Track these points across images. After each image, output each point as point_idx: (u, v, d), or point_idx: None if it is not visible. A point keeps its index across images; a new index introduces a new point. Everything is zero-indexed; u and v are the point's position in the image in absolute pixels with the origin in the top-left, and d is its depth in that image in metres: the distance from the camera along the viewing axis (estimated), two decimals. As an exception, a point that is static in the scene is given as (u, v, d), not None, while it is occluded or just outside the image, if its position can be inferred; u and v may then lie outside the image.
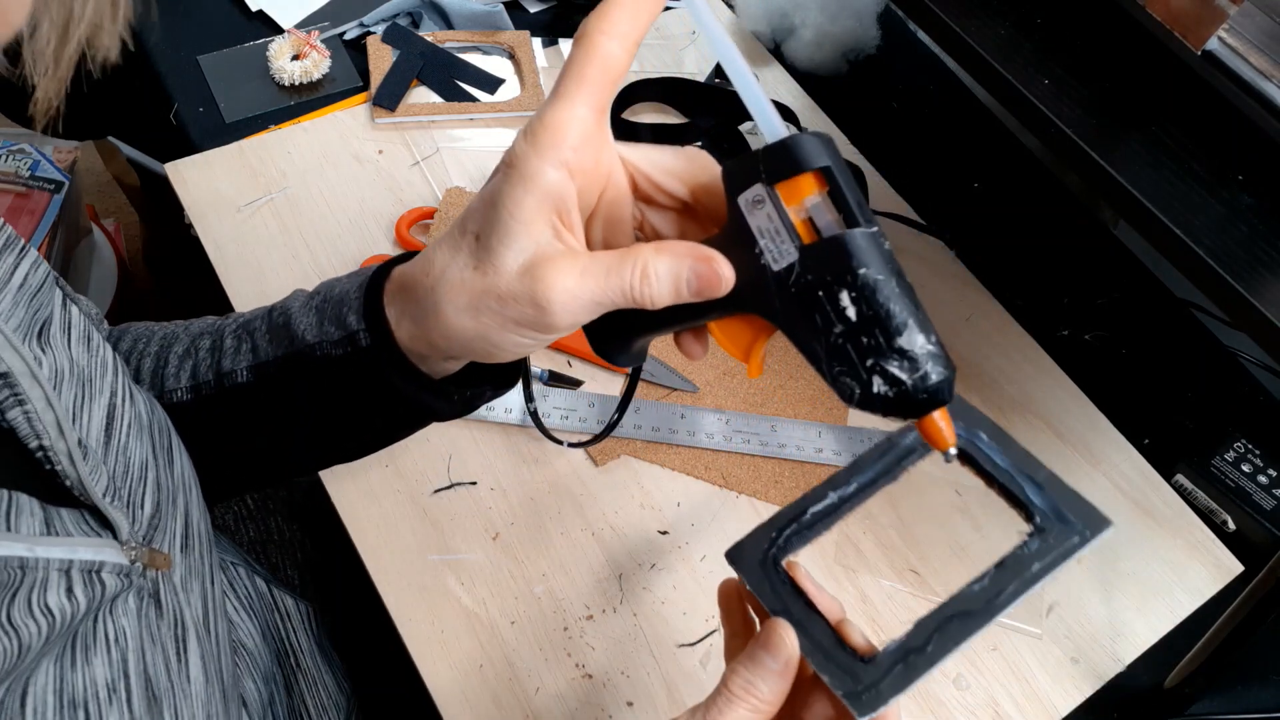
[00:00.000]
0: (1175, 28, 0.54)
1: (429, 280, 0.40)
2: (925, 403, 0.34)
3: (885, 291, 0.33)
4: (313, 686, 0.65)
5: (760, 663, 0.40)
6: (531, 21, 0.98)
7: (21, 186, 1.36)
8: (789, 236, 0.35)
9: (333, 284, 0.46)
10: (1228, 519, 0.76)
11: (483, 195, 0.38)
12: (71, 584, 0.37)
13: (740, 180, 0.35)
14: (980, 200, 0.94)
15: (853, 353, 0.34)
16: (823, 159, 0.34)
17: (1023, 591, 0.40)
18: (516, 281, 0.37)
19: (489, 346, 0.39)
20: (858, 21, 0.99)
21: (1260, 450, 0.77)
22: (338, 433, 0.50)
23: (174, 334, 0.53)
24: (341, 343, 0.44)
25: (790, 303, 0.35)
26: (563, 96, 0.36)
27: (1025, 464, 0.43)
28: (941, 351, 0.34)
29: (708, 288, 0.37)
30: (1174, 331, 0.88)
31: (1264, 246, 0.51)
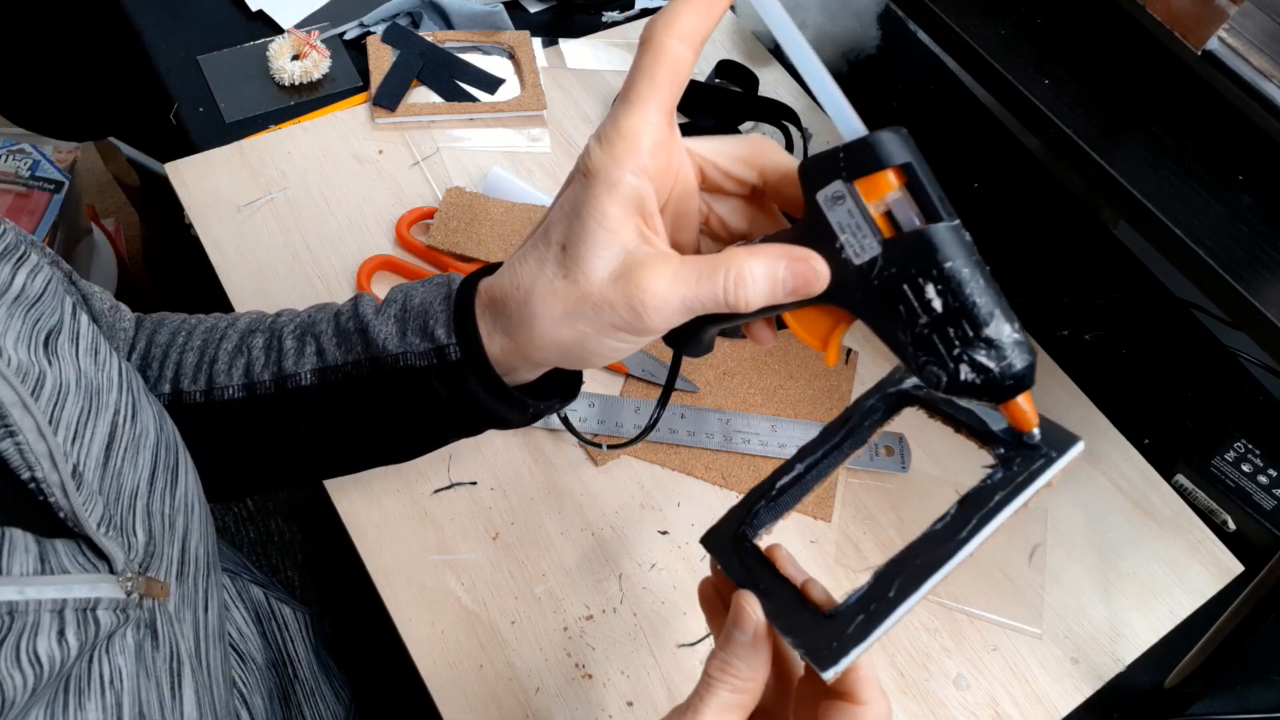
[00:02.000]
0: (1175, 28, 0.54)
1: (520, 294, 0.40)
2: (1012, 388, 0.35)
3: (971, 284, 0.34)
4: (310, 697, 0.64)
5: (731, 638, 0.39)
6: (531, 21, 0.98)
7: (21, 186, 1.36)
8: (871, 231, 0.35)
9: (409, 293, 0.46)
10: (1228, 519, 0.76)
11: (562, 206, 0.39)
12: (64, 626, 0.36)
13: (818, 177, 0.36)
14: (980, 200, 0.94)
15: (939, 342, 0.35)
16: (903, 155, 0.35)
17: (988, 522, 0.38)
18: (610, 287, 0.38)
19: (585, 353, 0.40)
20: (858, 21, 0.99)
21: (1260, 450, 0.77)
22: (402, 439, 0.50)
23: (218, 328, 0.52)
24: (428, 354, 0.44)
25: (872, 295, 0.36)
26: (635, 102, 0.37)
27: None
28: (1025, 339, 0.35)
29: (804, 287, 0.37)
30: (1174, 331, 0.88)
31: (1264, 246, 0.51)
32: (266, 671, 0.60)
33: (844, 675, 0.38)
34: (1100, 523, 0.75)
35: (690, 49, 0.37)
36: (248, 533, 0.75)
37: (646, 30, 0.37)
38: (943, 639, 0.68)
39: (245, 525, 0.76)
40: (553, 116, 0.90)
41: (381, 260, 0.78)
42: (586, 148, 0.38)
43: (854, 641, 0.37)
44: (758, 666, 0.39)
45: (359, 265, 0.77)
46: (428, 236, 0.79)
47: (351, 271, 0.78)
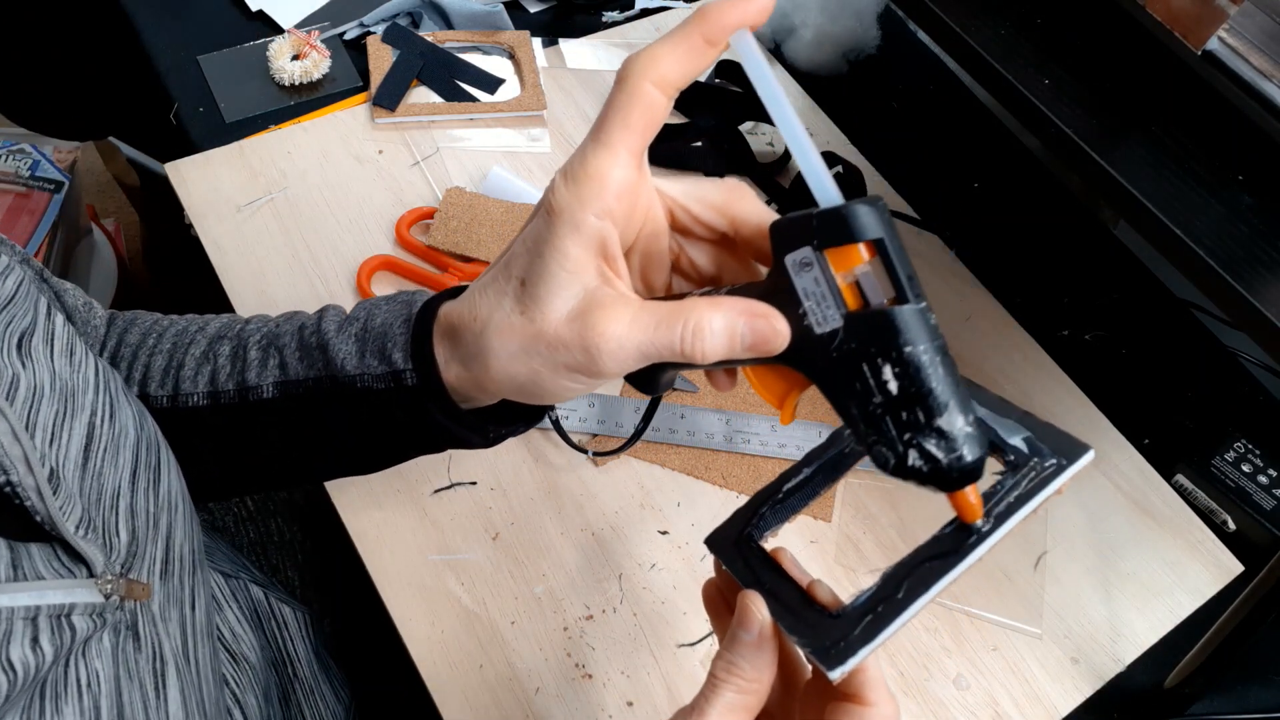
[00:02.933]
0: (1175, 28, 0.54)
1: (477, 325, 0.40)
2: (958, 480, 0.35)
3: (929, 370, 0.34)
4: (310, 696, 0.64)
5: (737, 639, 0.38)
6: (531, 21, 0.98)
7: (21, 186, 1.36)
8: (835, 303, 0.35)
9: (372, 311, 0.46)
10: (1228, 519, 0.76)
11: (525, 240, 0.38)
12: (38, 633, 0.35)
13: (789, 240, 0.35)
14: (980, 200, 0.94)
15: (890, 425, 0.34)
16: (876, 230, 0.34)
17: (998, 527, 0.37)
18: (565, 327, 0.37)
19: (539, 390, 0.40)
20: (858, 21, 0.99)
21: (1260, 450, 0.77)
22: (363, 455, 0.50)
23: (188, 332, 0.52)
24: (384, 378, 0.44)
25: (830, 366, 0.35)
26: (604, 143, 0.36)
27: (999, 408, 0.41)
28: (978, 431, 0.34)
29: (763, 345, 0.36)
30: (1174, 331, 0.88)
31: (1264, 246, 0.50)
32: (262, 671, 0.60)
33: (851, 676, 0.37)
34: (1100, 523, 0.75)
35: (667, 95, 0.36)
36: (248, 533, 0.75)
37: (624, 68, 0.36)
38: (943, 639, 0.68)
39: (245, 525, 0.76)
40: (553, 116, 0.90)
41: (381, 260, 0.78)
42: (552, 183, 0.37)
43: (861, 642, 0.36)
44: (763, 667, 0.38)
45: (359, 265, 0.77)
46: (428, 236, 0.79)
47: (351, 271, 0.78)
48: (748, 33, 0.35)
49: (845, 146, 0.93)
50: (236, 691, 0.56)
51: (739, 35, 0.35)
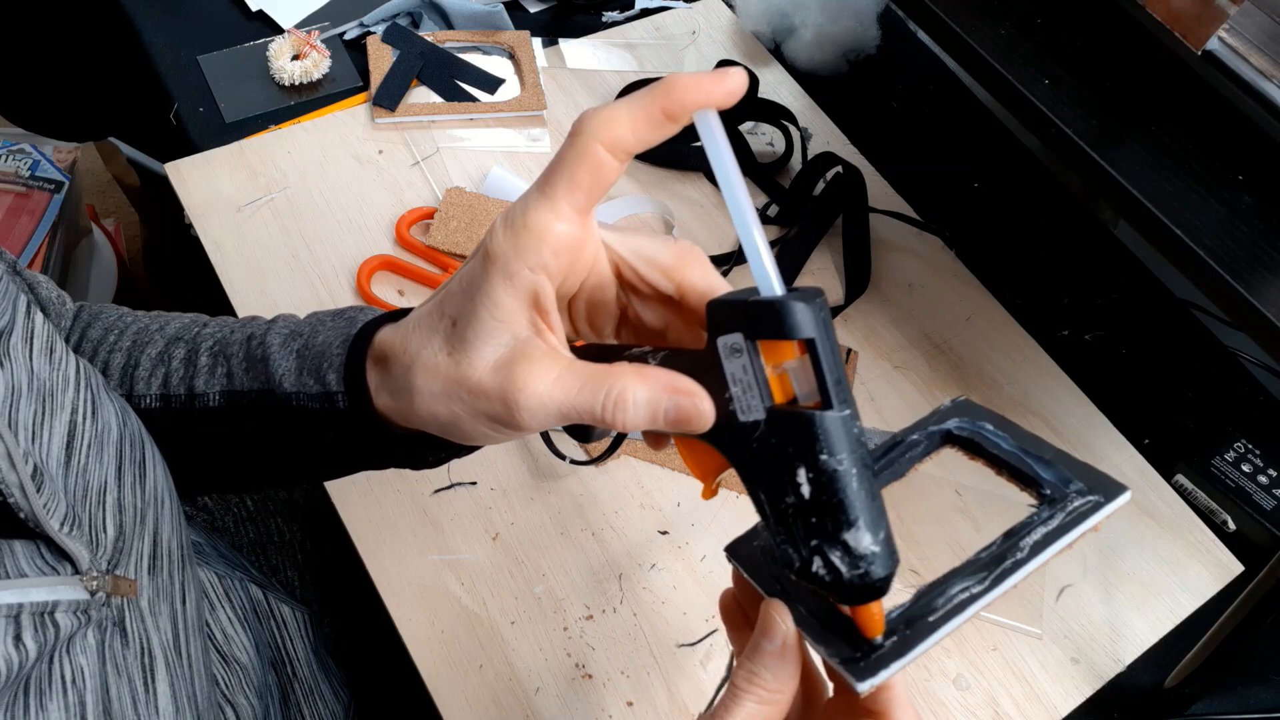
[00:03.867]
0: (1175, 28, 0.54)
1: (406, 358, 0.39)
2: (859, 595, 0.34)
3: (843, 482, 0.33)
4: (309, 695, 0.64)
5: (759, 649, 0.37)
6: (531, 21, 0.98)
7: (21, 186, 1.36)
8: (760, 395, 0.34)
9: (316, 327, 0.46)
10: (1228, 519, 0.76)
11: (461, 279, 0.38)
12: (20, 630, 0.35)
13: (722, 323, 0.35)
14: (980, 200, 0.94)
15: (798, 528, 0.34)
16: (809, 330, 0.33)
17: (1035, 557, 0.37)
18: (489, 376, 0.36)
19: (459, 433, 0.39)
20: (858, 21, 0.99)
21: (1260, 450, 0.77)
22: (305, 467, 0.50)
23: (147, 330, 0.52)
24: (319, 398, 0.44)
25: (750, 455, 0.35)
26: (548, 196, 0.35)
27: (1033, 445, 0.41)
28: (887, 550, 0.34)
29: (685, 424, 0.35)
30: (1174, 331, 0.88)
31: (1264, 246, 0.51)
32: (257, 671, 0.59)
33: (877, 693, 0.36)
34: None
35: (618, 160, 0.35)
36: (248, 533, 0.75)
37: (579, 123, 0.35)
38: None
39: (245, 525, 0.76)
40: (553, 116, 0.90)
41: (381, 260, 0.78)
42: (492, 228, 0.36)
43: (891, 657, 0.35)
44: (785, 678, 0.37)
45: (359, 265, 0.78)
46: (428, 236, 0.79)
47: (351, 271, 0.78)
48: (711, 112, 0.34)
49: (845, 146, 0.93)
50: (227, 692, 0.56)
51: (701, 114, 0.34)
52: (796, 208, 0.86)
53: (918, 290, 0.85)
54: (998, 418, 0.43)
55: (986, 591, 0.36)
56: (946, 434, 0.43)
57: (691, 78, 0.34)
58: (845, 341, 0.81)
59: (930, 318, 0.83)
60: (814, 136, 0.93)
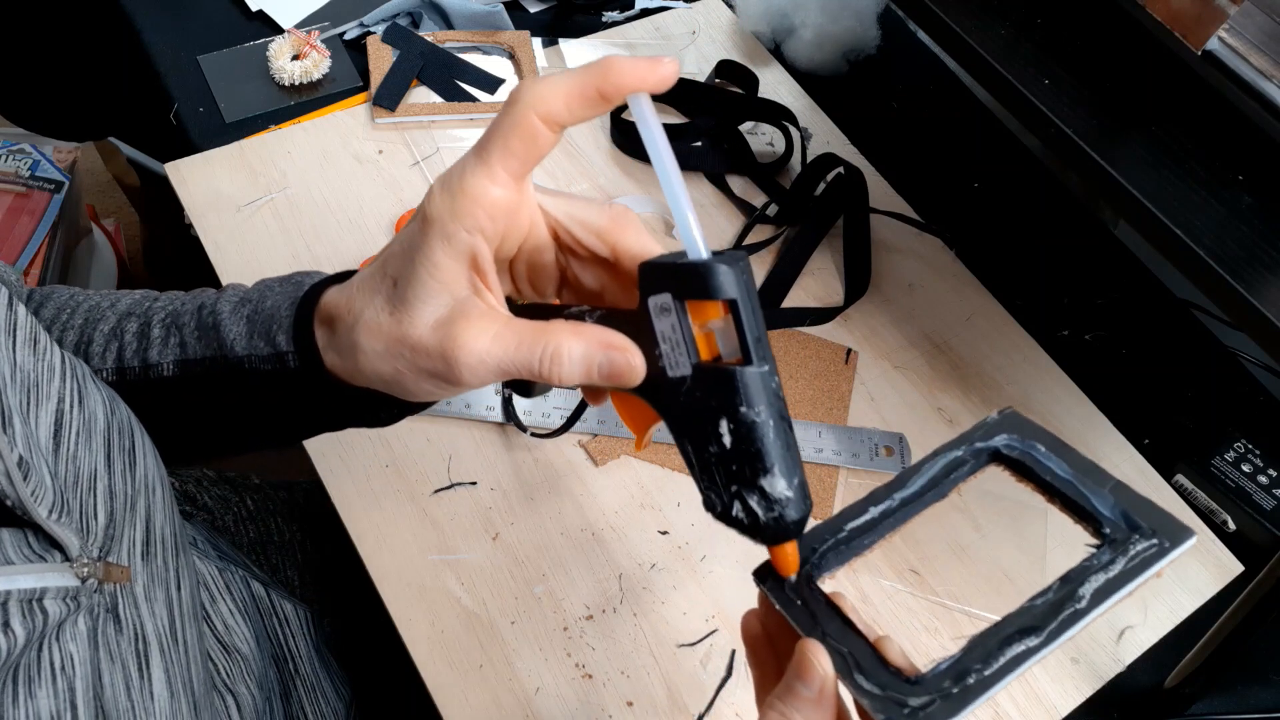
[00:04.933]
0: (1175, 28, 0.54)
1: (349, 318, 0.41)
2: (774, 537, 0.37)
3: (760, 433, 0.35)
4: (311, 693, 0.64)
5: (794, 692, 0.36)
6: (531, 21, 0.98)
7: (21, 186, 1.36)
8: (688, 351, 0.36)
9: (264, 292, 0.47)
10: (1228, 519, 0.76)
11: (401, 242, 0.39)
12: (8, 617, 0.35)
13: (653, 284, 0.37)
14: (980, 200, 0.94)
15: (720, 475, 0.37)
16: (731, 291, 0.35)
17: (1095, 607, 0.35)
18: (429, 334, 0.38)
19: (402, 390, 0.41)
20: (858, 21, 0.99)
21: (1260, 450, 0.77)
22: (263, 432, 0.51)
23: (99, 308, 0.52)
24: (270, 359, 0.45)
25: (678, 408, 0.37)
26: (484, 162, 0.37)
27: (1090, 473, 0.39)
28: (800, 495, 0.36)
29: (618, 378, 0.37)
30: (1174, 331, 0.88)
31: (1264, 246, 0.51)
32: (257, 662, 0.59)
33: None
34: (1100, 523, 0.75)
35: (552, 131, 0.36)
36: (248, 532, 0.75)
37: (515, 92, 0.36)
38: (943, 639, 0.68)
39: (245, 525, 0.76)
40: (553, 116, 0.90)
41: (381, 260, 0.78)
42: (430, 191, 0.38)
43: (945, 715, 0.34)
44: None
45: (359, 265, 0.77)
46: (428, 236, 0.79)
47: (351, 271, 0.78)
48: (644, 96, 0.36)
49: (845, 146, 0.93)
50: (228, 681, 0.56)
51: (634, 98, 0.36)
52: (796, 208, 0.86)
53: (918, 290, 0.85)
54: (1049, 437, 0.41)
55: (1043, 646, 0.35)
56: (994, 452, 0.42)
57: (628, 61, 0.35)
58: (845, 341, 0.81)
59: (930, 318, 0.83)
60: (814, 136, 0.92)
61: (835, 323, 0.82)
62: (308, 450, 0.70)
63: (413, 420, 0.72)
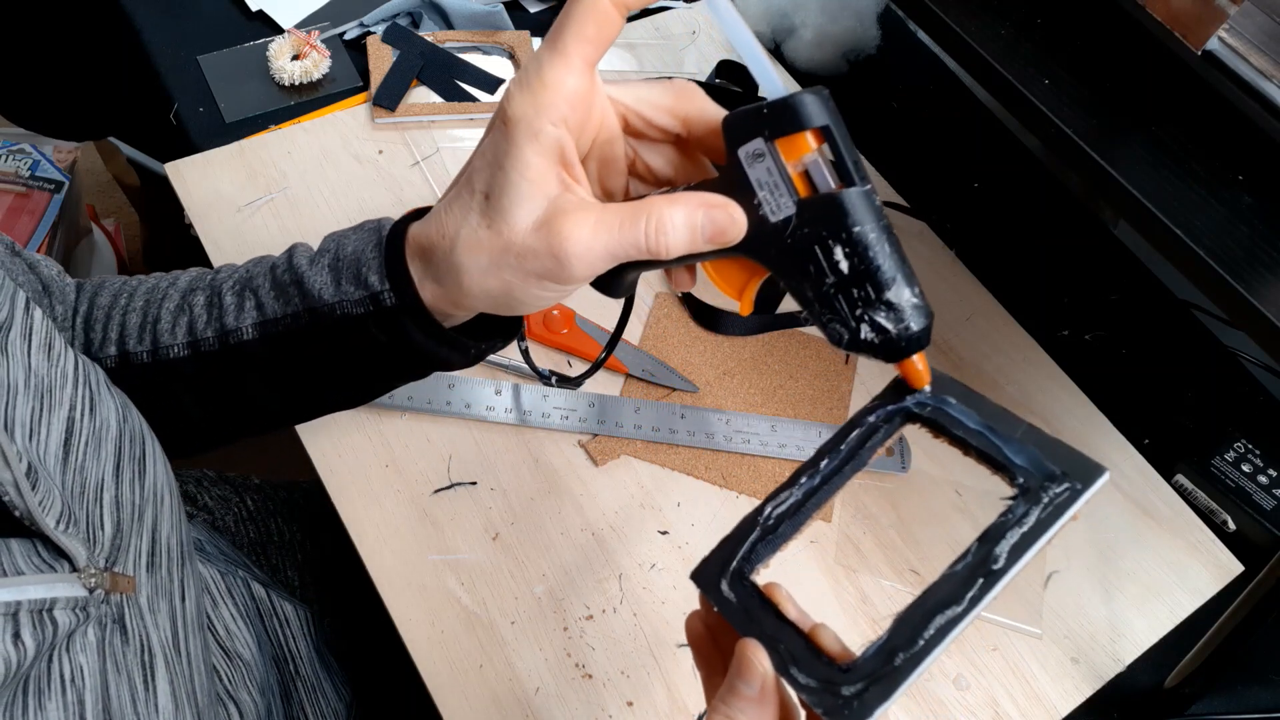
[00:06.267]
0: (1175, 28, 0.54)
1: (446, 242, 0.41)
2: (907, 348, 0.37)
3: (876, 248, 0.36)
4: (312, 694, 0.64)
5: (737, 691, 0.37)
6: (531, 21, 0.98)
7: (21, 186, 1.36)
8: (787, 191, 0.36)
9: (340, 242, 0.46)
10: (1228, 519, 0.76)
11: (484, 153, 0.39)
12: (19, 628, 0.35)
13: (741, 133, 0.37)
14: (980, 200, 0.94)
15: (843, 302, 0.37)
16: (822, 118, 0.36)
17: (1013, 564, 0.35)
18: (532, 236, 0.38)
19: (512, 301, 0.40)
20: (858, 21, 0.99)
21: (1260, 450, 0.77)
22: (346, 386, 0.50)
23: (159, 289, 0.52)
24: (363, 301, 0.44)
25: (785, 252, 0.37)
26: (560, 52, 0.37)
27: (1000, 421, 0.39)
28: (923, 302, 0.37)
29: (721, 235, 0.38)
30: (1174, 331, 0.88)
31: (1264, 246, 0.51)
32: (260, 668, 0.59)
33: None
34: (1100, 523, 0.75)
35: (619, 10, 0.37)
36: (248, 532, 0.75)
37: None
38: (943, 639, 0.68)
39: (245, 525, 0.76)
40: (553, 116, 0.90)
41: (381, 260, 0.78)
42: (507, 93, 0.38)
43: (878, 699, 0.34)
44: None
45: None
46: (428, 236, 0.79)
47: (351, 271, 0.78)
48: None
49: (845, 146, 0.93)
50: (230, 688, 0.56)
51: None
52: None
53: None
54: (960, 388, 0.40)
55: (966, 613, 0.35)
56: (907, 412, 0.41)
57: None
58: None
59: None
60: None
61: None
62: (308, 450, 0.70)
63: (413, 420, 0.72)
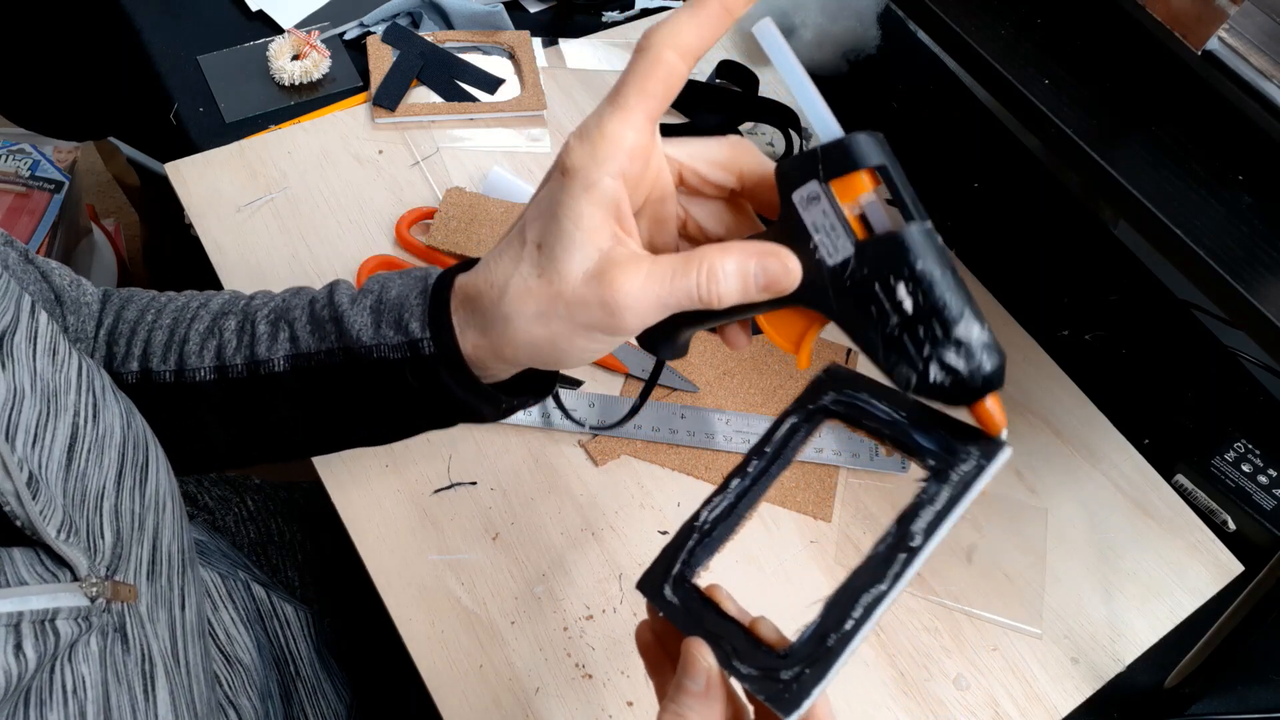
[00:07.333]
0: (1175, 28, 0.54)
1: (494, 291, 0.40)
2: (980, 389, 0.35)
3: (942, 285, 0.35)
4: (312, 695, 0.64)
5: (684, 689, 0.38)
6: (531, 21, 0.98)
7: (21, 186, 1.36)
8: (845, 232, 0.36)
9: (385, 285, 0.46)
10: (1228, 519, 0.76)
11: (539, 203, 0.39)
12: (21, 639, 0.35)
13: (795, 178, 0.37)
14: (980, 200, 0.94)
15: (909, 343, 0.35)
16: (878, 157, 0.35)
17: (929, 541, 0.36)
18: (584, 287, 0.38)
19: (558, 353, 0.40)
20: (858, 21, 0.99)
21: (1260, 450, 0.77)
22: (372, 427, 0.50)
23: (189, 308, 0.52)
24: (401, 347, 0.44)
25: (845, 296, 0.36)
26: (622, 106, 0.37)
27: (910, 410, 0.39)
28: (993, 340, 0.35)
29: (775, 283, 0.37)
30: (1174, 331, 0.88)
31: (1264, 246, 0.51)
32: (259, 672, 0.59)
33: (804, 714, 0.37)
34: (1100, 523, 0.75)
35: (686, 63, 0.37)
36: (248, 533, 0.75)
37: (646, 38, 0.37)
38: (943, 639, 0.68)
39: (245, 525, 0.76)
40: (553, 116, 0.90)
41: (381, 260, 0.78)
42: (567, 145, 0.38)
43: (814, 681, 0.36)
44: (712, 715, 0.38)
45: (359, 265, 0.77)
46: (428, 236, 0.80)
47: (351, 271, 0.78)
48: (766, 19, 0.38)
49: (845, 146, 0.93)
50: (230, 693, 0.56)
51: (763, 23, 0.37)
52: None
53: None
54: (871, 384, 0.41)
55: (889, 590, 0.36)
56: (824, 409, 0.42)
57: None
58: (845, 341, 0.81)
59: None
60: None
61: (835, 323, 0.82)
62: (308, 450, 0.70)
63: (413, 420, 0.72)
